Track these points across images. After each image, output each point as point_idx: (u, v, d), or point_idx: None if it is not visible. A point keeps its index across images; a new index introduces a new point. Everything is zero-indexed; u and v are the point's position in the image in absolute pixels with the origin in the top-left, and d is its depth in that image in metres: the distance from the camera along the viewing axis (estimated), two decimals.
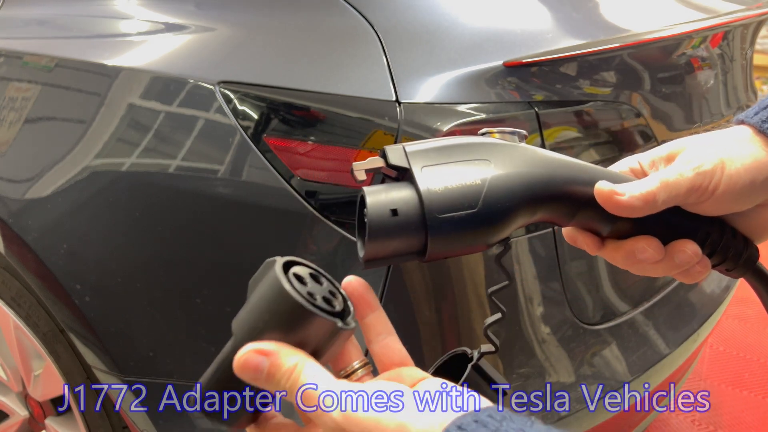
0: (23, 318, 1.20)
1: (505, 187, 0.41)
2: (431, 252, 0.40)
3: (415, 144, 0.43)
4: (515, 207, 0.41)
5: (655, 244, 0.44)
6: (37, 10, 1.21)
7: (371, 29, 0.87)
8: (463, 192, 0.40)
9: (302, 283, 0.38)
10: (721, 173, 0.42)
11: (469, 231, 0.40)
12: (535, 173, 0.42)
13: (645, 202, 0.42)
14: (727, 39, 1.16)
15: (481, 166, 0.41)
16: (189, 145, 0.90)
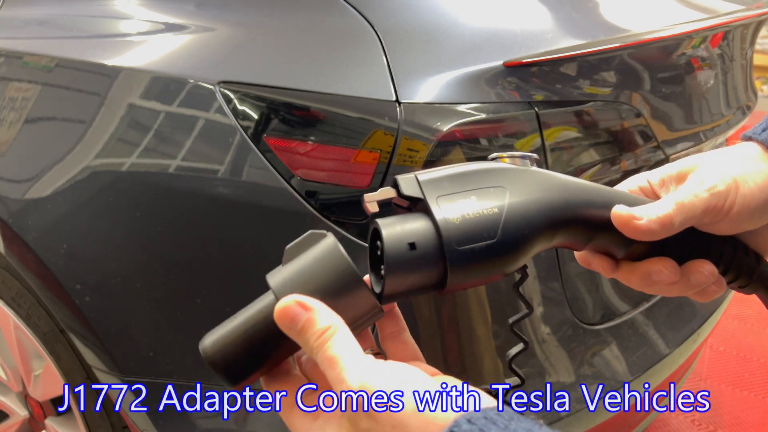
0: (23, 318, 1.20)
1: (523, 214, 0.40)
2: (450, 284, 0.39)
3: (427, 173, 0.42)
4: (534, 234, 0.40)
5: (670, 266, 0.44)
6: (37, 10, 1.21)
7: (371, 29, 0.87)
8: (481, 221, 0.39)
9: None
10: (735, 193, 0.42)
11: (489, 261, 0.39)
12: (553, 198, 0.41)
13: (662, 225, 0.42)
14: (727, 39, 1.16)
15: (497, 194, 0.40)
16: (189, 145, 0.90)
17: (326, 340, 0.36)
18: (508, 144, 0.86)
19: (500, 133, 0.86)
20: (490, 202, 0.40)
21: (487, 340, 0.90)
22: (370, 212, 0.42)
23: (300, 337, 0.37)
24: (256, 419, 0.96)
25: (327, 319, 0.37)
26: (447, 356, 0.89)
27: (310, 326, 0.36)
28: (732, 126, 1.22)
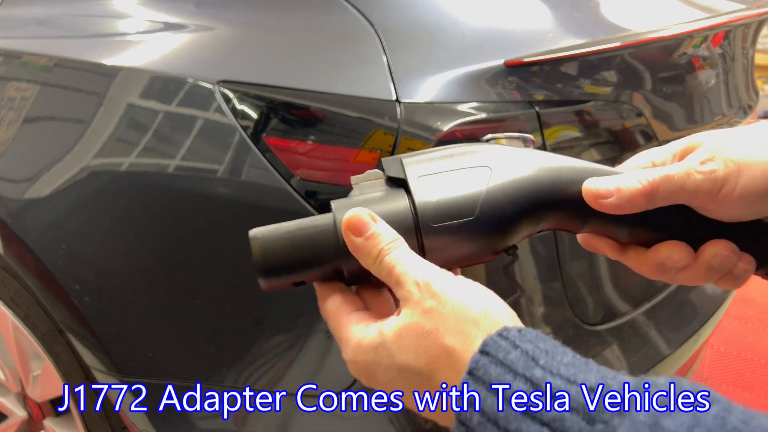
0: (22, 318, 1.20)
1: (504, 194, 0.40)
2: (430, 261, 0.39)
3: (413, 155, 0.42)
4: (516, 215, 0.40)
5: (683, 250, 0.41)
6: (36, 9, 1.21)
7: (371, 29, 0.86)
8: (459, 200, 0.39)
9: None
10: (736, 180, 0.39)
11: (467, 240, 0.39)
12: (537, 178, 0.41)
13: (632, 201, 0.39)
14: (728, 38, 1.16)
15: (480, 174, 0.40)
16: (188, 145, 0.90)
17: (391, 250, 0.38)
18: None
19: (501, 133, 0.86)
20: (472, 182, 0.40)
21: None
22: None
23: (363, 246, 0.39)
24: (256, 419, 0.96)
25: (392, 235, 0.39)
26: None
27: (376, 237, 0.38)
28: (733, 125, 1.22)
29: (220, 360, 0.96)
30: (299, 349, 0.90)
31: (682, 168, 0.40)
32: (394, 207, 0.40)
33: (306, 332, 0.89)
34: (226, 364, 0.95)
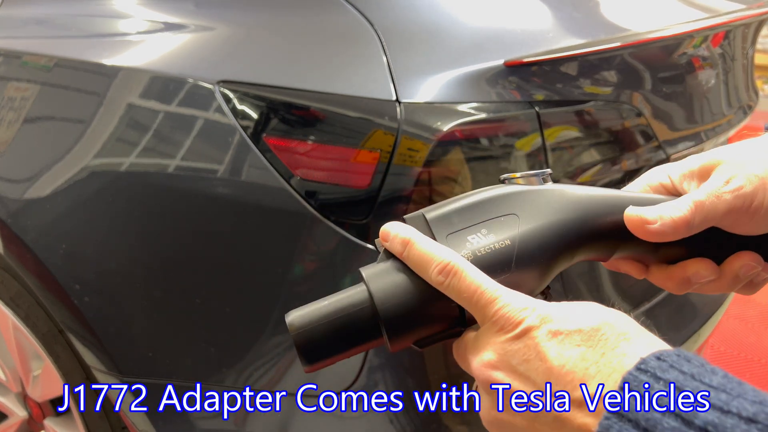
0: (22, 318, 1.20)
1: (536, 242, 0.39)
2: (471, 321, 0.39)
3: (434, 209, 0.41)
4: (550, 260, 0.40)
5: (708, 266, 0.42)
6: (36, 9, 1.21)
7: (371, 28, 0.86)
8: (493, 256, 0.38)
9: None
10: (764, 194, 0.39)
11: None
12: (566, 220, 0.40)
13: (676, 228, 0.40)
14: (728, 38, 1.16)
15: (509, 223, 0.40)
16: (188, 145, 0.90)
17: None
18: (508, 144, 0.86)
19: (501, 133, 0.86)
20: (502, 234, 0.39)
21: None
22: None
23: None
24: (256, 419, 0.96)
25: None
26: (447, 356, 0.89)
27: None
28: (733, 125, 1.22)
29: (220, 360, 0.96)
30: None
31: (710, 192, 0.40)
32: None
33: None
34: (226, 364, 0.95)
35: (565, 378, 0.33)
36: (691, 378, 0.30)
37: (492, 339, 0.36)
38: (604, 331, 0.34)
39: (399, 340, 0.39)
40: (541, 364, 0.34)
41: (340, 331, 0.39)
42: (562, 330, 0.34)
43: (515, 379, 0.35)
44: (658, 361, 0.31)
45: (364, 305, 0.38)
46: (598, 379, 0.32)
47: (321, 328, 0.39)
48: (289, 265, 0.87)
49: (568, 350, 0.33)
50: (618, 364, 0.32)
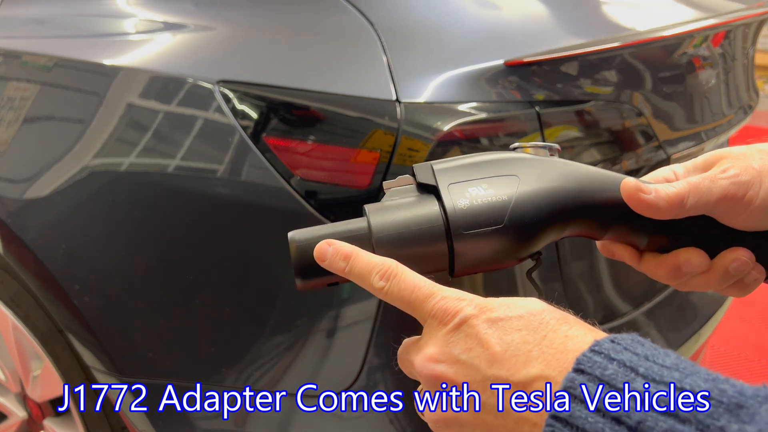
0: (22, 318, 1.19)
1: (532, 202, 0.41)
2: (459, 267, 0.41)
3: (443, 162, 0.43)
4: (543, 222, 0.41)
5: (700, 256, 0.42)
6: (35, 9, 1.21)
7: (371, 28, 0.86)
8: (489, 208, 0.40)
9: None
10: (759, 186, 0.40)
11: (495, 246, 0.40)
12: (564, 188, 0.42)
13: (670, 203, 0.40)
14: (728, 38, 1.16)
15: (509, 182, 0.41)
16: (188, 145, 0.90)
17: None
18: (508, 144, 0.86)
19: (501, 133, 0.86)
20: (500, 190, 0.41)
21: None
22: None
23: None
24: (256, 419, 0.95)
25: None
26: None
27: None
28: (733, 125, 1.22)
29: (220, 360, 0.96)
30: (299, 349, 0.90)
31: (707, 176, 0.41)
32: (425, 213, 0.41)
33: (306, 332, 0.89)
34: (226, 364, 0.95)
35: (508, 362, 0.33)
36: (645, 359, 0.31)
37: (433, 334, 0.36)
38: (544, 316, 0.35)
39: None
40: (483, 351, 0.34)
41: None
42: (501, 317, 0.34)
43: (459, 369, 0.35)
44: (612, 343, 0.32)
45: (362, 231, 0.41)
46: (542, 361, 0.33)
47: (316, 245, 0.41)
48: (289, 264, 0.87)
49: (509, 335, 0.34)
50: (561, 345, 0.33)
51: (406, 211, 0.41)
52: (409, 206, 0.41)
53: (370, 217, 0.41)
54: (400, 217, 0.41)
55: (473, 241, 0.40)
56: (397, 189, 0.43)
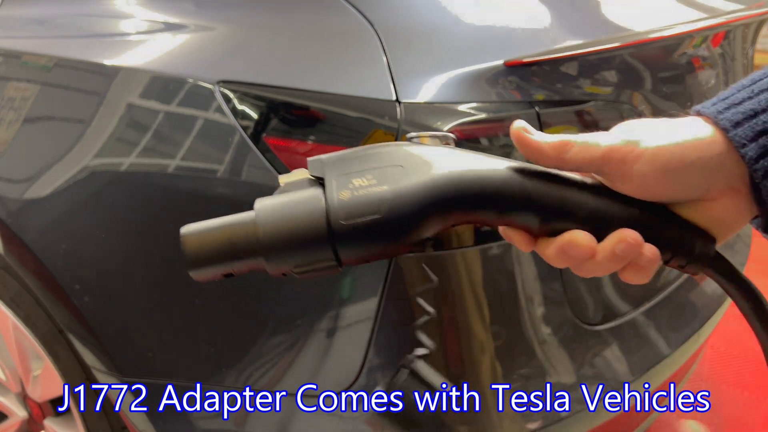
0: (22, 318, 1.20)
1: (411, 192, 0.41)
2: (343, 257, 0.42)
3: (335, 154, 0.44)
4: (422, 212, 0.42)
5: (586, 235, 0.41)
6: (36, 9, 1.21)
7: (371, 29, 0.86)
8: (369, 198, 0.41)
9: None
10: (646, 144, 0.39)
11: (376, 236, 0.41)
12: (444, 177, 0.42)
13: (553, 147, 0.41)
14: (728, 38, 1.16)
15: (393, 173, 0.42)
16: (188, 145, 0.90)
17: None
18: (508, 144, 0.86)
19: (501, 133, 0.86)
20: (383, 181, 0.42)
21: (487, 341, 0.89)
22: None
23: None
24: (256, 419, 0.96)
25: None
26: (447, 357, 0.89)
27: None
28: None
29: (220, 360, 0.96)
30: (299, 349, 0.90)
31: (598, 135, 0.41)
32: (310, 205, 0.42)
33: (306, 332, 0.89)
34: (226, 364, 0.95)
35: None
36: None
37: None
38: None
39: (275, 263, 0.42)
40: None
41: (224, 244, 0.42)
42: None
43: None
44: None
45: (248, 224, 0.42)
46: None
47: (207, 237, 0.42)
48: None
49: None
50: None
51: (291, 203, 0.42)
52: (296, 198, 0.42)
53: (256, 208, 0.42)
54: (286, 208, 0.42)
55: (353, 231, 0.41)
56: (291, 182, 0.44)
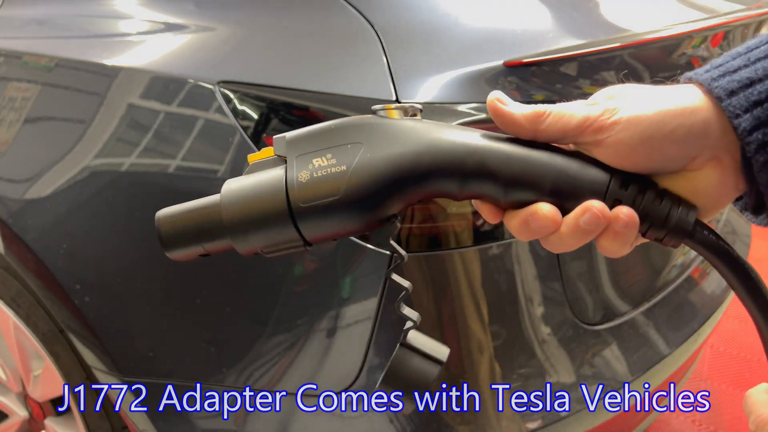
0: (23, 318, 1.20)
1: (369, 171, 0.40)
2: (309, 237, 0.41)
3: (296, 131, 0.43)
4: (382, 191, 0.41)
5: (550, 208, 0.39)
6: (36, 9, 1.21)
7: (371, 29, 0.87)
8: (327, 179, 0.40)
9: None
10: (623, 111, 0.37)
11: (336, 217, 0.41)
12: (404, 152, 0.41)
13: (527, 117, 0.40)
14: (727, 39, 1.16)
15: (351, 151, 0.41)
16: (189, 145, 0.90)
17: None
18: None
19: None
20: (342, 160, 0.41)
21: (486, 341, 0.90)
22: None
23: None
24: (256, 419, 0.96)
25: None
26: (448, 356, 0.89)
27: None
28: None
29: (220, 360, 0.96)
30: (299, 349, 0.90)
31: (577, 103, 0.40)
32: (271, 187, 0.41)
33: (306, 332, 0.90)
34: (226, 364, 0.96)
35: None
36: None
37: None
38: None
39: (241, 244, 0.42)
40: None
41: (192, 226, 0.43)
42: None
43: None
44: None
45: (213, 206, 0.42)
46: None
47: (178, 219, 0.43)
48: (289, 265, 0.88)
49: None
50: None
51: (254, 185, 0.42)
52: (259, 179, 0.42)
53: (222, 191, 0.42)
54: (249, 190, 0.42)
55: (314, 213, 0.40)
56: (258, 162, 0.43)
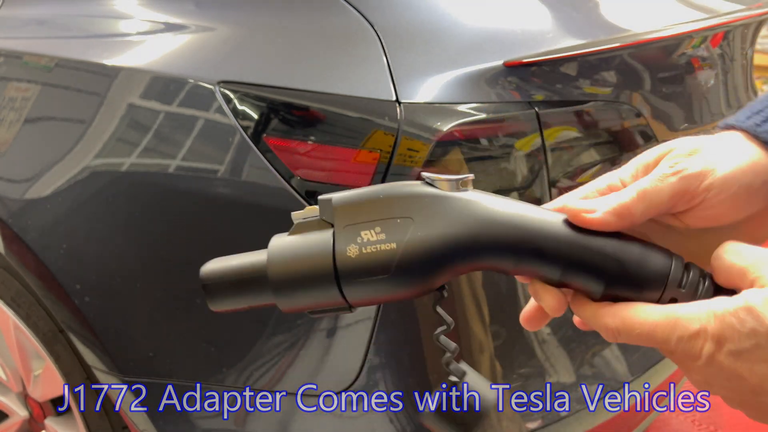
0: (23, 318, 1.20)
1: (420, 250, 0.40)
2: (354, 304, 0.42)
3: (345, 195, 0.42)
4: (433, 269, 0.40)
5: (554, 295, 0.41)
6: (36, 9, 1.21)
7: (371, 29, 0.87)
8: (376, 257, 0.40)
9: None
10: (713, 175, 0.37)
11: (385, 292, 0.41)
12: (458, 234, 0.40)
13: (618, 216, 0.38)
14: (727, 39, 1.16)
15: (402, 226, 0.40)
16: (189, 145, 0.90)
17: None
18: (508, 144, 0.86)
19: (500, 133, 0.86)
20: (392, 236, 0.40)
21: (487, 341, 0.90)
22: None
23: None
24: (256, 419, 0.96)
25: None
26: None
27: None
28: None
29: (220, 360, 0.96)
30: (299, 349, 0.90)
31: (654, 177, 0.38)
32: (318, 256, 0.41)
33: (306, 332, 0.90)
34: (226, 364, 0.96)
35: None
36: None
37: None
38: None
39: (285, 304, 0.43)
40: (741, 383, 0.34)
41: (238, 284, 0.44)
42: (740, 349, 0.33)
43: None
44: None
45: (260, 266, 0.43)
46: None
47: (224, 275, 0.44)
48: None
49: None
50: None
51: (303, 249, 0.42)
52: (308, 244, 0.42)
53: (270, 251, 0.43)
54: (296, 254, 0.42)
55: (363, 287, 0.41)
56: (302, 223, 0.44)
